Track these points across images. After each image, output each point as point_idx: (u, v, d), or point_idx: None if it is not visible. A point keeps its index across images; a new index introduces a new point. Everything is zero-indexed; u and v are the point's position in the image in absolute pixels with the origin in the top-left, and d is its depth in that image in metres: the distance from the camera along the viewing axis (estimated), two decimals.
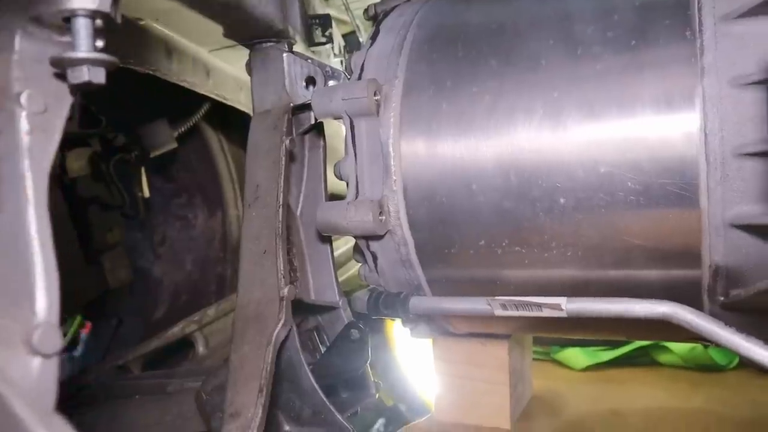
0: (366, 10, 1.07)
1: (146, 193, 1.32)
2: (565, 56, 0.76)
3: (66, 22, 0.52)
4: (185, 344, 1.34)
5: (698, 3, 0.72)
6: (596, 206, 0.75)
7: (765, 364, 0.70)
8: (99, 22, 0.52)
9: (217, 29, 0.94)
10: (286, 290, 0.76)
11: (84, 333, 1.49)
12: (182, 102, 1.28)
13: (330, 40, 1.10)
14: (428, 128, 0.83)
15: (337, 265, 1.75)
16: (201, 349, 1.31)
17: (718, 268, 0.73)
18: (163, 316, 1.53)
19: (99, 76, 0.51)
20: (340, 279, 1.01)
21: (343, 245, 1.71)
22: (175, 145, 1.28)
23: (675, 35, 0.71)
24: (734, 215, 0.69)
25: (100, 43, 0.53)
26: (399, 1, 1.02)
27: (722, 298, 0.74)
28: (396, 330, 1.57)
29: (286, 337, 0.77)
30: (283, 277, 0.78)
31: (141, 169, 1.28)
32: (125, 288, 1.50)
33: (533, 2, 0.85)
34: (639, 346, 1.35)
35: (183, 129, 1.29)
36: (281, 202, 0.84)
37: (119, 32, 0.56)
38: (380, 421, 2.67)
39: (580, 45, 0.76)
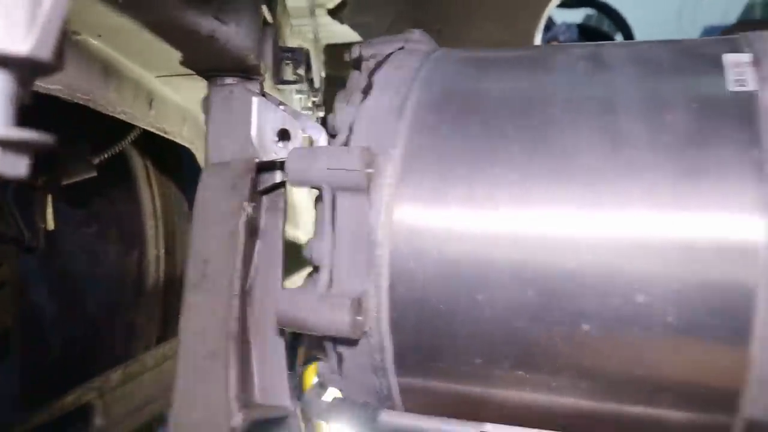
0: (349, 51, 0.91)
1: (50, 225, 1.09)
2: (607, 159, 0.64)
3: None
4: (81, 411, 1.10)
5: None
6: (626, 339, 0.63)
7: None
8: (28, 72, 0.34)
9: (173, 55, 0.75)
10: (239, 418, 0.58)
11: None
12: (108, 122, 1.06)
13: (300, 79, 0.93)
14: (430, 218, 0.68)
15: None
16: (99, 420, 1.08)
17: (753, 423, 0.63)
18: (51, 366, 1.28)
19: (17, 167, 0.32)
20: None
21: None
22: (94, 173, 1.05)
23: (740, 154, 0.61)
24: None
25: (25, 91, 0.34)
26: (389, 46, 0.87)
27: None
28: None
29: None
30: (236, 398, 0.60)
31: (47, 197, 1.05)
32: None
33: (567, 78, 0.72)
34: None
35: (106, 155, 1.07)
36: (236, 291, 0.66)
37: None
38: None
39: (627, 148, 0.64)
